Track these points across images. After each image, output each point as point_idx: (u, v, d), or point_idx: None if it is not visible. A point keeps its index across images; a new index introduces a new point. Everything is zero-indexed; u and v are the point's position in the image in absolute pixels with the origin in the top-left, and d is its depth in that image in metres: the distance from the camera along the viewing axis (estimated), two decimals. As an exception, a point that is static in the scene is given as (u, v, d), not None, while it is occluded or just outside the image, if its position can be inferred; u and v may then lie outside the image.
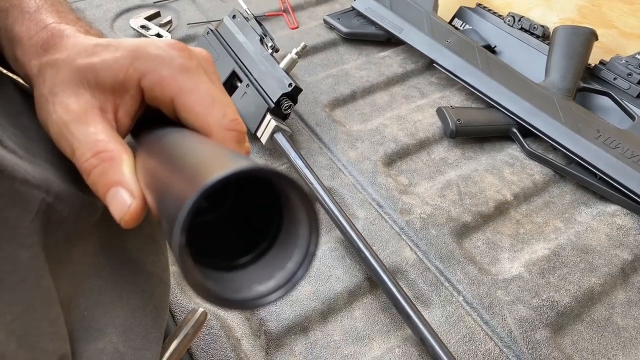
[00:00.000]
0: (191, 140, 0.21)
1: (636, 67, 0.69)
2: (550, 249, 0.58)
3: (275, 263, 0.19)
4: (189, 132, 0.24)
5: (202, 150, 0.19)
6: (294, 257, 0.18)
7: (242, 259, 0.19)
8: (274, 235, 0.20)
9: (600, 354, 0.50)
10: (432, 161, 0.68)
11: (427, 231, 0.58)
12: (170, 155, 0.20)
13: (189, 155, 0.19)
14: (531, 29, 0.80)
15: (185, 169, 0.18)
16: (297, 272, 0.18)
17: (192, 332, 0.35)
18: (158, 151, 0.22)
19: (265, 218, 0.20)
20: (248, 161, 0.16)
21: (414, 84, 0.80)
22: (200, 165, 0.17)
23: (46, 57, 0.26)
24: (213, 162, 0.17)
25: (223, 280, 0.18)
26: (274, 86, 0.64)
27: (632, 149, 0.62)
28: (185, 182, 0.16)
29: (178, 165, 0.19)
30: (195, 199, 0.15)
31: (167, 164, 0.20)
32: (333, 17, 0.88)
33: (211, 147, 0.20)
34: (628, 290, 0.55)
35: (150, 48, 0.25)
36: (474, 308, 0.52)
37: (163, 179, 0.19)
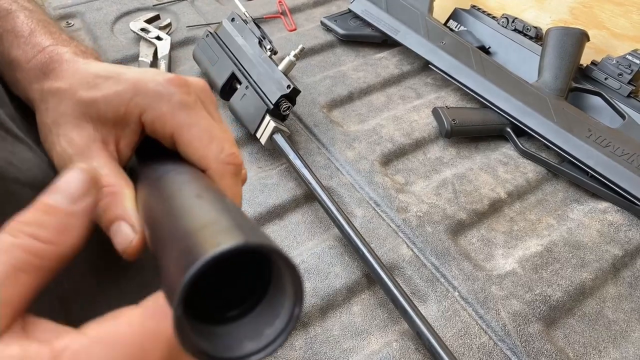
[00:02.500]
0: (190, 190, 0.22)
1: (626, 67, 0.71)
2: (543, 245, 0.59)
3: (264, 319, 0.20)
4: (189, 174, 0.24)
5: (200, 211, 0.19)
6: (281, 316, 0.19)
7: (231, 312, 0.20)
8: (261, 291, 0.20)
9: (591, 346, 0.51)
10: (428, 160, 0.69)
11: (423, 229, 0.59)
12: (169, 208, 0.21)
13: (186, 216, 0.19)
14: (524, 30, 0.81)
15: (183, 236, 0.18)
16: (282, 332, 0.19)
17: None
18: (158, 195, 0.23)
19: (252, 273, 0.20)
20: (242, 231, 0.17)
21: (410, 85, 0.81)
22: (199, 236, 0.17)
23: (47, 83, 0.27)
24: (209, 234, 0.17)
25: (215, 336, 0.19)
26: (272, 88, 0.65)
27: (622, 147, 0.64)
28: (182, 254, 0.17)
29: (176, 226, 0.19)
30: (191, 280, 0.16)
31: (166, 217, 0.20)
32: (330, 19, 0.89)
33: (209, 204, 0.20)
34: (618, 285, 0.57)
35: (150, 84, 0.25)
36: (469, 303, 0.53)
37: (163, 232, 0.20)
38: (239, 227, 0.18)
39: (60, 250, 0.19)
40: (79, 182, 0.21)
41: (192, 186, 0.22)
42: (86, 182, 0.21)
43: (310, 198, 0.63)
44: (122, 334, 0.18)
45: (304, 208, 0.63)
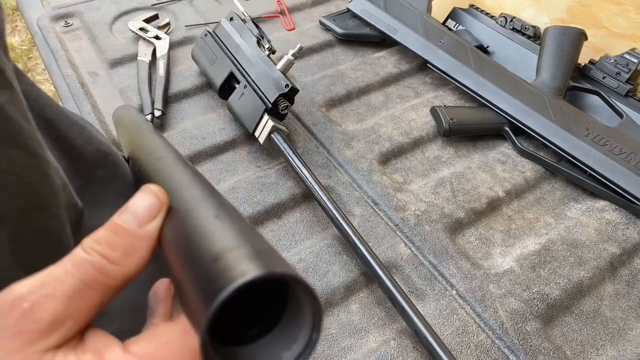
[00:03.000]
0: (207, 210, 0.22)
1: (624, 66, 0.71)
2: (540, 244, 0.59)
3: (282, 342, 0.20)
4: (201, 189, 0.24)
5: (221, 235, 0.20)
6: (299, 340, 0.20)
7: (250, 332, 0.20)
8: (278, 313, 0.21)
9: (588, 344, 0.51)
10: (426, 159, 0.69)
11: (421, 227, 0.59)
12: (189, 229, 0.21)
13: (208, 240, 0.19)
14: (523, 29, 0.81)
15: (207, 262, 0.18)
16: (300, 356, 0.19)
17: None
18: (174, 212, 0.22)
19: (270, 295, 0.20)
20: (264, 259, 0.17)
21: (409, 84, 0.81)
22: (223, 263, 0.18)
23: None
24: (232, 262, 0.18)
25: (238, 358, 0.20)
26: (271, 87, 0.65)
27: (620, 146, 0.64)
28: (207, 282, 0.17)
29: (198, 250, 0.19)
30: (217, 310, 0.16)
31: (186, 239, 0.20)
32: (329, 18, 0.89)
33: (227, 226, 0.20)
34: (616, 283, 0.57)
35: None
36: (467, 301, 0.53)
37: (183, 255, 0.20)
38: (260, 254, 0.18)
39: (125, 272, 0.20)
40: (148, 204, 0.21)
41: (208, 206, 0.22)
42: (155, 205, 0.21)
43: (309, 197, 0.63)
44: (165, 353, 0.19)
45: (302, 207, 0.63)
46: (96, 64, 0.80)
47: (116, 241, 0.20)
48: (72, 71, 0.78)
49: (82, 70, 0.78)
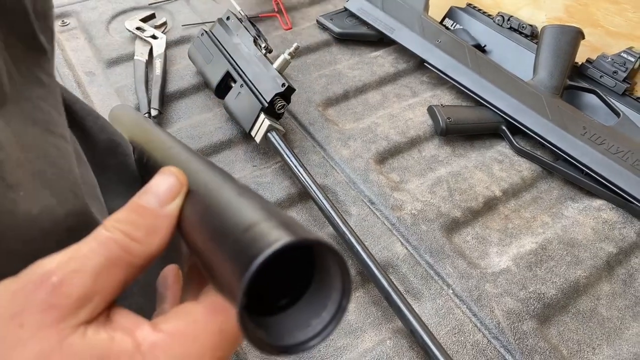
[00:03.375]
0: (230, 188, 0.22)
1: (621, 65, 0.71)
2: (537, 243, 0.59)
3: (311, 310, 0.20)
4: (219, 172, 0.24)
5: (247, 209, 0.20)
6: (328, 307, 0.20)
7: (281, 301, 0.21)
8: (306, 281, 0.21)
9: (585, 343, 0.51)
10: (423, 159, 0.69)
11: (418, 227, 0.59)
12: (216, 206, 0.21)
13: (237, 214, 0.20)
14: (520, 28, 0.81)
15: (237, 234, 0.19)
16: (330, 324, 0.20)
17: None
18: (198, 194, 0.23)
19: (297, 264, 0.21)
20: (292, 228, 0.18)
21: (406, 83, 0.81)
22: (254, 233, 0.18)
23: None
24: (263, 231, 0.18)
25: (268, 326, 0.20)
26: (267, 86, 0.65)
27: (617, 145, 0.64)
28: (240, 252, 0.18)
29: (227, 224, 0.20)
30: (252, 278, 0.17)
31: (214, 215, 0.21)
32: (326, 17, 0.89)
33: (252, 201, 0.21)
34: (613, 282, 0.57)
35: None
36: (463, 301, 0.53)
37: (211, 229, 0.20)
38: (288, 224, 0.18)
39: (148, 250, 0.20)
40: (169, 185, 0.22)
41: (230, 185, 0.23)
42: (175, 186, 0.22)
43: (305, 196, 0.63)
44: (193, 331, 0.19)
45: (299, 206, 0.63)
46: (93, 64, 0.80)
47: (139, 221, 0.20)
48: (69, 70, 0.78)
49: (78, 70, 0.78)
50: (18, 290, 0.18)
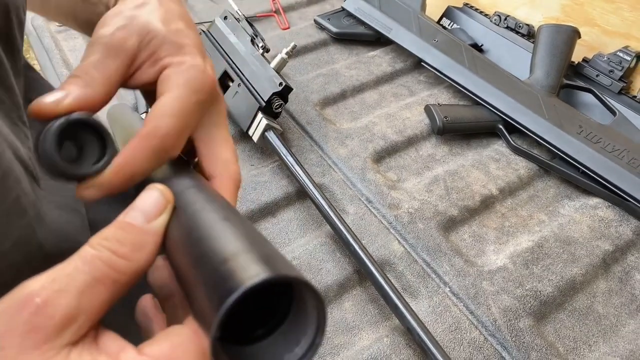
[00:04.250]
0: (214, 212, 0.22)
1: (617, 64, 0.71)
2: (534, 241, 0.59)
3: (286, 343, 0.20)
4: (206, 191, 0.25)
5: (229, 238, 0.20)
6: (301, 343, 0.20)
7: (256, 331, 0.21)
8: (282, 314, 0.21)
9: (581, 340, 0.51)
10: (420, 157, 0.69)
11: (415, 225, 0.59)
12: (198, 231, 0.21)
13: (217, 242, 0.20)
14: (517, 27, 0.82)
15: (216, 264, 0.19)
16: (303, 358, 0.20)
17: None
18: (182, 214, 0.23)
19: (274, 296, 0.21)
20: (272, 262, 0.18)
21: (403, 83, 0.81)
22: (232, 266, 0.18)
23: None
24: (242, 264, 0.18)
25: (242, 357, 0.20)
26: (265, 85, 0.65)
27: (613, 143, 0.64)
28: (217, 284, 0.18)
29: (206, 252, 0.20)
30: (228, 312, 0.17)
31: (196, 240, 0.21)
32: (323, 17, 0.89)
33: (235, 228, 0.21)
34: (609, 280, 0.57)
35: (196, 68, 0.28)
36: (460, 298, 0.53)
37: (191, 256, 0.21)
38: (268, 257, 0.18)
39: (134, 266, 0.21)
40: (154, 201, 0.22)
41: (216, 206, 0.23)
42: (161, 203, 0.22)
43: (303, 195, 0.63)
44: (177, 354, 0.19)
45: (296, 205, 0.63)
46: (90, 63, 0.80)
47: (124, 237, 0.20)
48: (67, 70, 0.78)
49: (76, 70, 0.78)
50: (1, 313, 0.18)
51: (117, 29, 0.27)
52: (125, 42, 0.27)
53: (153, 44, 0.28)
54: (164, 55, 0.28)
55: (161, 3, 0.30)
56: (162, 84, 0.27)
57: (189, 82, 0.27)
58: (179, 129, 0.26)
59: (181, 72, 0.27)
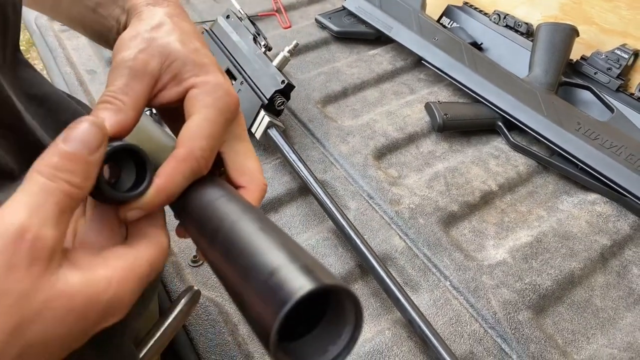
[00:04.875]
0: (251, 222, 0.24)
1: (615, 62, 0.72)
2: (533, 236, 0.60)
3: (326, 338, 0.23)
4: (237, 200, 0.27)
5: (271, 248, 0.22)
6: (342, 336, 0.22)
7: (299, 328, 0.23)
8: (321, 311, 0.23)
9: (580, 333, 0.52)
10: (420, 154, 0.70)
11: (416, 220, 0.60)
12: (239, 242, 0.23)
13: (261, 253, 0.22)
14: (516, 26, 0.83)
15: (266, 275, 0.21)
16: (344, 351, 0.22)
17: (186, 309, 0.37)
18: (217, 221, 0.25)
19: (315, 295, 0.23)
20: (315, 272, 0.20)
21: (403, 81, 0.82)
22: (281, 277, 0.20)
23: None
24: (289, 275, 0.20)
25: (291, 352, 0.22)
26: (267, 83, 0.66)
27: (611, 140, 0.65)
28: (271, 294, 0.20)
29: (254, 263, 0.22)
30: (284, 319, 0.19)
31: (239, 252, 0.23)
32: (324, 16, 0.90)
33: (274, 238, 0.23)
34: (607, 274, 0.58)
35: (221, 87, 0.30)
36: (460, 292, 0.54)
37: (238, 265, 0.23)
38: (309, 267, 0.21)
39: (83, 195, 0.23)
40: (95, 134, 0.23)
41: (251, 217, 0.25)
42: (101, 135, 0.23)
43: (305, 191, 0.64)
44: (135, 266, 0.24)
45: (299, 201, 0.64)
46: (94, 62, 0.81)
47: (75, 168, 0.22)
48: (71, 69, 0.79)
49: (80, 68, 0.79)
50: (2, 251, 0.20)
51: (139, 51, 0.29)
52: (147, 64, 0.29)
53: (175, 65, 0.29)
54: (188, 75, 0.29)
55: (175, 23, 0.31)
56: (190, 105, 0.29)
57: (216, 102, 0.29)
58: (212, 149, 0.28)
59: (207, 92, 0.29)
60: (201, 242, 0.27)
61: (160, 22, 0.31)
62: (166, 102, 0.30)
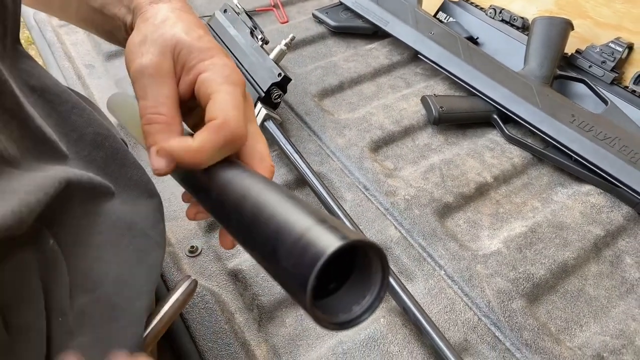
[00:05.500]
0: (279, 191, 0.26)
1: (609, 55, 0.73)
2: (527, 227, 0.61)
3: (355, 294, 0.24)
4: (259, 175, 0.28)
5: (303, 210, 0.23)
6: (371, 290, 0.23)
7: (330, 285, 0.24)
8: (350, 267, 0.24)
9: (572, 321, 0.53)
10: (416, 147, 0.71)
11: (411, 211, 0.61)
12: (267, 210, 0.25)
13: (296, 215, 0.23)
14: (511, 20, 0.83)
15: (301, 232, 0.22)
16: (372, 305, 0.23)
17: (182, 298, 0.38)
18: (245, 188, 0.27)
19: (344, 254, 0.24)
20: (345, 229, 0.21)
21: (400, 75, 0.83)
22: (317, 232, 0.21)
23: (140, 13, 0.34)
24: (324, 231, 0.21)
25: (325, 307, 0.23)
26: (264, 76, 0.66)
27: (605, 131, 0.66)
28: (306, 249, 0.21)
29: (291, 222, 0.23)
30: (319, 272, 0.20)
31: (273, 214, 0.24)
32: (321, 11, 0.90)
33: (302, 203, 0.24)
34: (600, 263, 0.58)
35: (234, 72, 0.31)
36: (455, 281, 0.55)
37: (272, 225, 0.24)
38: (339, 226, 0.22)
39: None
40: None
41: (275, 187, 0.26)
42: None
43: (302, 183, 0.64)
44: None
45: (295, 193, 0.64)
46: (92, 56, 0.81)
47: None
48: (69, 63, 0.79)
49: (78, 63, 0.80)
50: None
51: (153, 55, 0.30)
52: (163, 65, 0.30)
53: (182, 55, 0.31)
54: (195, 62, 0.31)
55: (178, 16, 0.32)
56: (205, 87, 0.30)
57: (229, 78, 0.30)
58: (243, 119, 0.29)
59: (218, 72, 0.30)
60: (224, 211, 0.27)
61: (164, 18, 0.32)
62: (181, 96, 0.31)
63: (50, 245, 0.27)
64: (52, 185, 0.27)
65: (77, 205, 0.30)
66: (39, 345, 0.25)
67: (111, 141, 0.38)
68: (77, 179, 0.30)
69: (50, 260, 0.27)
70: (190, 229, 0.58)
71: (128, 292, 0.32)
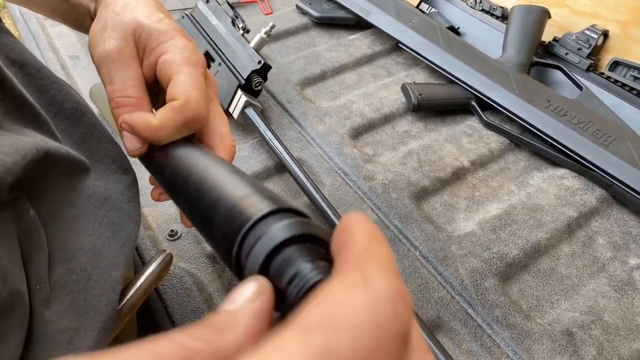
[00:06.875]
0: (223, 166, 0.27)
1: (585, 42, 0.74)
2: (502, 209, 0.62)
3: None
4: (210, 153, 0.29)
5: (241, 182, 0.24)
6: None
7: None
8: None
9: (544, 299, 0.54)
10: (396, 133, 0.72)
11: (388, 195, 0.62)
12: (214, 177, 0.26)
13: (233, 186, 0.24)
14: (491, 10, 0.84)
15: (237, 199, 0.23)
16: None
17: (158, 271, 0.38)
18: (194, 165, 0.28)
19: None
20: (275, 197, 0.22)
21: (382, 64, 0.84)
22: (244, 204, 0.22)
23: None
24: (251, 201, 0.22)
25: None
26: (244, 64, 0.67)
27: (579, 116, 0.67)
28: (238, 215, 0.22)
29: (229, 192, 0.24)
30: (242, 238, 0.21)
31: (216, 184, 0.25)
32: (305, 2, 0.91)
33: (243, 177, 0.25)
34: (572, 244, 0.60)
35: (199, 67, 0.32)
36: (429, 261, 0.56)
37: (214, 194, 0.24)
38: (273, 196, 0.23)
39: None
40: None
41: (223, 164, 0.27)
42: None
43: (282, 169, 0.65)
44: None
45: (275, 178, 0.65)
46: (77, 48, 0.82)
47: None
48: (54, 55, 0.80)
49: (63, 54, 0.80)
50: None
51: (115, 41, 0.31)
52: (125, 49, 0.31)
53: (143, 38, 0.32)
54: (155, 44, 0.32)
55: (138, 0, 0.33)
56: (166, 69, 0.31)
57: (189, 59, 0.31)
58: (204, 100, 0.30)
59: (178, 53, 0.31)
60: (175, 188, 0.28)
61: (124, 3, 0.33)
62: (146, 79, 0.32)
63: (30, 216, 0.28)
64: (30, 150, 0.27)
65: (55, 178, 0.31)
66: (24, 311, 0.26)
67: (89, 117, 0.39)
68: (55, 150, 0.31)
69: (31, 230, 0.28)
70: (171, 214, 0.59)
71: (103, 263, 0.33)
